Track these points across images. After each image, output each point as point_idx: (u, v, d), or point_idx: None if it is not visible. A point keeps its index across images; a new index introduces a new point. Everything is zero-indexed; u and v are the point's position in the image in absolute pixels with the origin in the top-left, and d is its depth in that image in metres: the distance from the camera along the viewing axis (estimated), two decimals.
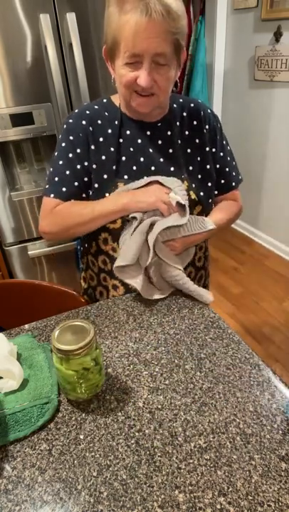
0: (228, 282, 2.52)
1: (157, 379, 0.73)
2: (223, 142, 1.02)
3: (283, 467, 0.57)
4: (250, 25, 2.43)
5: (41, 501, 0.55)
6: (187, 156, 0.97)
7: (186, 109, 0.97)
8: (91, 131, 0.92)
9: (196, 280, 1.08)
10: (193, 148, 0.97)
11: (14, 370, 0.70)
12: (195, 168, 0.97)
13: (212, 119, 0.99)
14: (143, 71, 0.78)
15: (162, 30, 0.73)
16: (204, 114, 0.98)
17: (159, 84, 0.81)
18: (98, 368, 0.68)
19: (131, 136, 0.94)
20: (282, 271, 2.59)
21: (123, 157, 0.93)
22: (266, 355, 1.93)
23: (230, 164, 1.04)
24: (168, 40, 0.75)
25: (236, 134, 2.88)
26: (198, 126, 0.97)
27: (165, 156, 0.95)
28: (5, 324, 1.11)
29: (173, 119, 0.96)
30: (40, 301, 1.11)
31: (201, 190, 0.97)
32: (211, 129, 0.99)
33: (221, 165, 1.02)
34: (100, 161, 0.92)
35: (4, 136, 1.66)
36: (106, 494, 0.55)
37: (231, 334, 0.83)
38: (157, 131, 0.95)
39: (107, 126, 0.93)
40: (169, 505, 0.53)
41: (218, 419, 0.65)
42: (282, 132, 2.46)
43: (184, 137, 0.97)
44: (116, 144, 0.92)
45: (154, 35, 0.73)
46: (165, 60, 0.78)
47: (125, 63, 0.79)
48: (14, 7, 1.44)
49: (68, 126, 0.94)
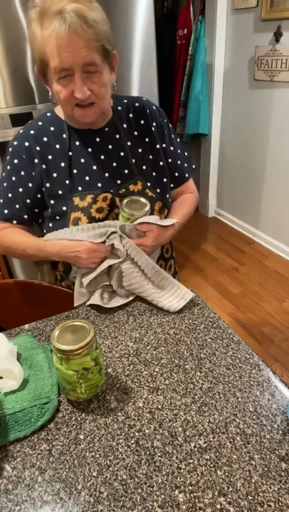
0: (228, 282, 2.52)
1: (157, 379, 0.73)
2: (172, 136, 1.04)
3: (283, 467, 0.57)
4: (250, 25, 2.43)
5: (41, 501, 0.55)
6: (139, 156, 0.98)
7: (132, 109, 0.98)
8: (38, 151, 0.92)
9: (167, 269, 1.13)
10: (144, 148, 0.98)
11: (14, 370, 0.71)
12: (148, 166, 0.99)
13: (158, 116, 1.01)
14: (76, 83, 0.78)
15: (84, 40, 0.73)
16: (150, 112, 0.99)
17: (96, 93, 0.81)
18: (98, 368, 0.68)
19: (80, 146, 0.94)
20: (282, 271, 2.59)
21: (74, 170, 0.93)
22: (266, 355, 1.93)
23: (181, 156, 1.06)
24: (93, 49, 0.75)
25: (236, 134, 2.88)
26: (146, 125, 0.99)
27: (117, 159, 0.96)
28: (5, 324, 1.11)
29: (119, 121, 0.96)
30: (40, 301, 1.11)
31: (157, 187, 1.00)
32: (158, 126, 1.00)
33: (172, 159, 1.04)
34: (52, 178, 0.93)
35: (4, 136, 1.66)
36: (106, 494, 0.55)
37: (231, 334, 0.83)
38: (106, 136, 0.95)
39: (54, 142, 0.93)
40: (169, 505, 0.53)
41: (218, 419, 0.65)
42: (283, 132, 2.46)
43: (133, 137, 0.98)
44: (66, 158, 0.93)
45: (77, 46, 0.73)
46: (96, 68, 0.78)
47: (58, 79, 0.79)
48: (14, 7, 1.44)
49: (13, 150, 0.94)
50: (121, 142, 0.96)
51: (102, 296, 0.93)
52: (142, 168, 0.98)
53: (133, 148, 0.97)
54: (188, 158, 1.08)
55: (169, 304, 0.90)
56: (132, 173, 0.97)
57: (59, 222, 0.95)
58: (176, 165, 1.05)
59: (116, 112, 0.97)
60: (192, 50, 2.82)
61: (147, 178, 0.98)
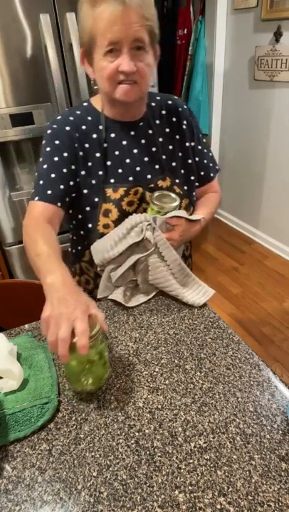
0: (228, 282, 2.52)
1: (157, 379, 0.73)
2: (200, 135, 1.06)
3: (283, 467, 0.57)
4: (250, 25, 2.43)
5: (41, 501, 0.55)
6: (169, 153, 1.00)
7: (165, 106, 1.00)
8: (77, 137, 0.91)
9: None
10: (175, 145, 1.00)
11: (14, 370, 0.71)
12: (178, 163, 1.01)
13: (188, 115, 1.02)
14: (124, 57, 0.79)
15: (138, 16, 0.76)
16: (182, 110, 1.01)
17: (140, 71, 0.81)
18: (102, 361, 0.68)
19: (115, 139, 0.94)
20: (282, 271, 2.59)
21: (109, 161, 0.94)
22: (266, 355, 1.93)
23: (207, 156, 1.08)
24: (144, 27, 0.78)
25: (236, 134, 2.88)
26: (177, 123, 1.00)
27: (149, 154, 0.97)
28: (5, 324, 1.11)
29: (152, 117, 0.98)
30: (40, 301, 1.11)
31: (184, 185, 1.02)
32: (188, 124, 1.01)
33: (199, 158, 1.06)
34: (88, 167, 0.93)
35: (4, 136, 1.66)
36: (106, 494, 0.55)
37: (231, 334, 0.83)
38: (140, 130, 0.96)
39: (91, 131, 0.93)
40: (169, 505, 0.53)
41: (218, 419, 0.65)
42: (283, 132, 2.46)
43: (165, 134, 0.99)
44: (101, 149, 0.93)
45: (131, 20, 0.75)
46: (144, 45, 0.80)
47: (105, 53, 0.79)
48: (14, 7, 1.44)
49: (53, 132, 0.92)
50: (153, 138, 0.98)
51: (124, 293, 0.94)
52: (172, 164, 1.00)
53: (164, 144, 0.99)
54: (213, 159, 1.11)
55: (192, 299, 0.91)
56: (162, 168, 0.98)
57: (90, 212, 0.94)
58: (202, 164, 1.07)
59: (150, 107, 0.98)
60: (192, 50, 2.82)
61: (176, 175, 1.00)
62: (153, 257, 0.90)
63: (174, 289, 0.92)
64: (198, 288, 0.94)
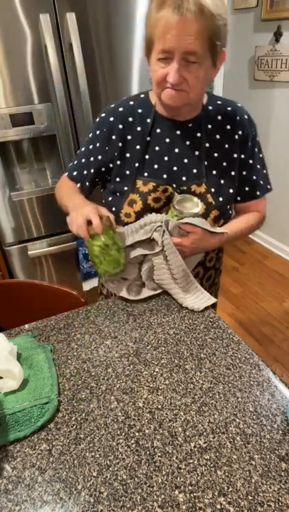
0: (228, 282, 2.52)
1: (157, 379, 0.73)
2: (255, 149, 0.99)
3: (283, 467, 0.57)
4: (250, 25, 2.43)
5: (41, 501, 0.55)
6: (213, 160, 0.96)
7: (222, 111, 0.95)
8: (119, 129, 0.95)
9: (205, 279, 1.09)
10: (221, 153, 0.96)
11: (14, 370, 0.71)
12: (218, 173, 0.96)
13: (247, 125, 0.97)
14: (172, 67, 0.78)
15: (194, 28, 0.73)
16: (240, 120, 0.96)
17: (189, 82, 0.81)
18: (116, 246, 0.85)
19: (159, 135, 0.95)
20: (282, 271, 2.59)
21: (147, 155, 0.95)
22: (266, 355, 1.93)
23: (258, 173, 1.02)
24: (200, 39, 0.75)
25: None
26: (231, 131, 0.95)
27: (190, 157, 0.95)
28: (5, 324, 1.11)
29: (205, 120, 0.94)
30: (40, 301, 1.11)
31: (220, 196, 0.96)
32: (243, 135, 0.96)
33: (247, 172, 1.00)
34: (125, 158, 0.96)
35: (4, 136, 1.65)
36: (106, 494, 0.55)
37: (231, 334, 0.83)
38: (187, 131, 0.94)
39: (137, 124, 0.95)
40: (169, 505, 0.53)
41: (218, 419, 0.65)
42: (283, 132, 2.46)
43: (214, 140, 0.95)
44: (143, 142, 0.95)
45: (184, 32, 0.74)
46: (196, 58, 0.77)
47: (158, 59, 0.80)
48: (14, 7, 1.44)
49: (99, 120, 0.99)
50: (200, 141, 0.95)
51: (128, 289, 0.95)
52: (212, 172, 0.96)
53: (210, 150, 0.95)
54: (266, 177, 1.04)
55: (192, 304, 0.91)
56: (200, 174, 0.95)
57: (117, 198, 0.99)
58: (250, 179, 1.01)
59: (205, 110, 0.95)
60: None
61: (213, 184, 0.96)
62: (159, 257, 0.91)
63: (175, 293, 0.93)
64: (200, 296, 0.93)
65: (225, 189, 0.97)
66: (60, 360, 0.79)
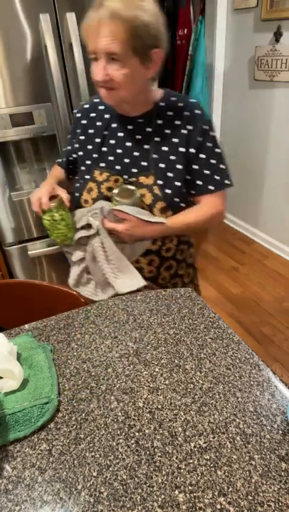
0: (228, 282, 2.52)
1: (157, 379, 0.73)
2: (207, 144, 1.01)
3: (283, 467, 0.57)
4: (250, 25, 2.43)
5: (41, 501, 0.55)
6: (162, 154, 1.01)
7: (173, 108, 1.00)
8: (83, 124, 1.09)
9: (163, 268, 1.13)
10: (169, 147, 1.00)
11: (14, 370, 0.71)
12: (166, 166, 1.01)
13: (199, 121, 0.99)
14: (97, 66, 0.87)
15: (108, 31, 0.81)
16: (191, 115, 0.99)
17: (116, 80, 0.87)
18: (64, 222, 1.02)
19: (114, 129, 1.04)
20: (282, 271, 2.59)
21: (104, 148, 1.05)
22: (266, 355, 1.93)
23: (212, 168, 1.03)
24: (117, 41, 0.82)
25: (236, 134, 2.88)
26: (180, 126, 0.99)
27: (140, 150, 1.02)
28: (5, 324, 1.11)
29: (156, 116, 1.00)
30: (40, 301, 1.11)
31: (167, 188, 1.01)
32: (192, 130, 0.99)
33: (199, 166, 1.02)
34: (86, 149, 1.09)
35: (4, 136, 1.66)
36: (106, 494, 0.55)
37: (231, 334, 0.83)
38: (138, 126, 1.01)
39: (98, 119, 1.06)
40: (169, 505, 0.53)
41: (218, 419, 0.65)
42: (283, 132, 2.46)
43: (163, 135, 1.00)
44: (101, 136, 1.06)
45: (101, 35, 0.82)
46: (118, 57, 0.84)
47: (92, 59, 0.89)
48: (14, 7, 1.44)
49: (74, 116, 1.17)
50: (149, 136, 1.01)
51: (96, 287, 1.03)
52: (160, 165, 1.00)
53: (159, 144, 1.00)
54: (223, 172, 1.05)
55: (119, 285, 1.00)
56: (149, 166, 1.01)
57: (80, 185, 1.11)
58: (202, 174, 1.03)
59: (157, 106, 1.00)
60: (192, 50, 2.82)
61: (160, 177, 1.01)
62: (96, 240, 1.01)
63: (107, 272, 1.01)
64: (131, 277, 1.00)
65: (172, 182, 1.01)
66: (60, 360, 0.79)
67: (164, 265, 1.12)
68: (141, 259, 1.08)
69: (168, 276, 1.15)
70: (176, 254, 1.14)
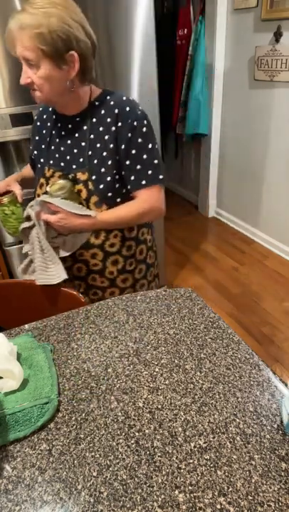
0: (228, 282, 2.52)
1: (157, 379, 0.73)
2: (138, 140, 1.03)
3: (283, 467, 0.57)
4: (250, 25, 2.43)
5: (41, 501, 0.55)
6: (96, 150, 1.06)
7: (106, 105, 1.04)
8: (37, 125, 1.18)
9: (109, 263, 1.16)
10: (102, 144, 1.05)
11: (14, 370, 0.71)
12: (99, 162, 1.05)
13: (129, 118, 1.02)
14: (23, 69, 0.95)
15: (20, 40, 0.89)
16: (119, 112, 1.02)
17: (35, 82, 0.94)
18: (15, 216, 1.10)
19: (59, 128, 1.11)
20: (282, 271, 2.59)
21: (52, 146, 1.13)
22: (266, 355, 1.93)
23: (144, 162, 1.05)
24: (27, 47, 0.89)
25: (236, 134, 2.88)
26: (110, 123, 1.03)
27: (78, 147, 1.08)
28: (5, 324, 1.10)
29: (90, 114, 1.05)
30: (40, 301, 1.11)
31: (100, 183, 1.06)
32: (122, 126, 1.02)
33: (130, 162, 1.05)
34: (40, 148, 1.16)
35: (4, 136, 1.65)
36: (106, 494, 0.55)
37: (231, 334, 0.83)
38: (75, 124, 1.07)
39: (48, 120, 1.14)
40: (169, 505, 0.53)
41: (218, 419, 0.65)
42: (283, 132, 2.46)
43: (97, 132, 1.05)
44: (50, 135, 1.13)
45: (13, 43, 0.91)
46: (32, 62, 0.91)
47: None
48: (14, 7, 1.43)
49: None
50: (85, 133, 1.06)
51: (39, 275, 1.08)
52: (94, 161, 1.05)
53: (94, 141, 1.05)
54: (155, 168, 1.06)
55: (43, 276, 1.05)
56: (85, 163, 1.06)
57: (36, 181, 1.18)
58: (134, 169, 1.05)
59: (92, 105, 1.05)
60: (192, 50, 2.82)
61: (94, 172, 1.06)
62: (34, 231, 1.06)
63: (37, 261, 1.06)
64: (56, 269, 1.04)
65: (104, 177, 1.06)
66: (60, 360, 0.79)
67: (109, 259, 1.16)
68: (84, 252, 1.13)
69: (115, 270, 1.18)
70: (121, 249, 1.16)
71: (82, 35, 0.92)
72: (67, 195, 1.03)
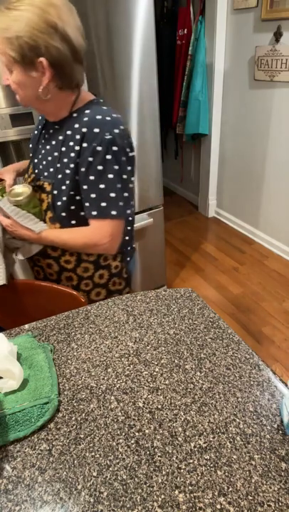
0: (228, 282, 2.52)
1: (157, 379, 0.73)
2: (98, 167, 0.94)
3: (283, 467, 0.57)
4: (250, 25, 2.43)
5: (41, 501, 0.55)
6: (62, 165, 1.01)
7: (79, 121, 0.96)
8: (34, 134, 1.16)
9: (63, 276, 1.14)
10: (68, 160, 0.99)
11: (14, 370, 0.71)
12: (61, 178, 1.01)
13: (94, 140, 0.93)
14: None
15: None
16: (87, 132, 0.94)
17: (12, 86, 0.94)
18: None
19: (43, 133, 1.10)
20: (282, 271, 2.59)
21: (37, 148, 1.12)
22: (266, 355, 1.93)
23: (100, 192, 0.96)
24: (1, 51, 0.88)
25: (236, 134, 2.88)
26: (77, 142, 0.96)
27: (52, 157, 1.05)
28: (5, 324, 1.11)
29: (67, 125, 1.00)
30: (40, 301, 1.11)
31: (58, 200, 1.01)
32: (87, 149, 0.94)
33: (88, 188, 0.97)
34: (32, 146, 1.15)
35: (4, 136, 1.65)
36: (106, 494, 0.55)
37: (231, 334, 0.83)
38: (55, 132, 1.04)
39: (40, 123, 1.13)
40: (169, 505, 0.53)
41: (218, 419, 0.65)
42: (283, 132, 2.46)
43: (67, 146, 0.99)
44: (38, 137, 1.13)
45: None
46: (6, 66, 0.91)
47: None
48: None
49: None
50: (60, 144, 1.02)
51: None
52: (58, 176, 1.01)
53: (63, 154, 1.00)
54: (110, 201, 0.96)
55: None
56: (52, 174, 1.03)
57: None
58: (88, 196, 0.98)
59: (70, 116, 0.99)
60: (192, 50, 2.82)
61: (56, 187, 1.01)
62: None
63: None
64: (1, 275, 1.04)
65: (62, 195, 1.00)
66: (60, 360, 0.79)
67: (64, 274, 1.12)
68: (41, 259, 1.12)
69: (70, 285, 1.13)
70: (76, 269, 1.11)
71: (55, 41, 0.84)
72: (26, 202, 1.02)
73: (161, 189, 2.01)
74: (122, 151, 0.96)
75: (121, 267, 1.17)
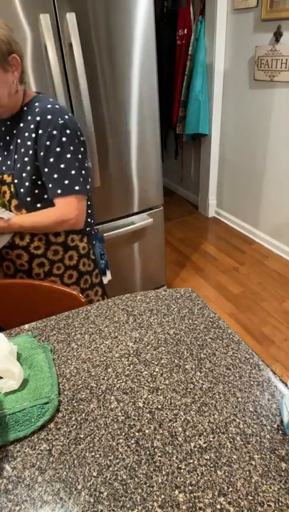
0: (228, 282, 2.52)
1: (157, 379, 0.73)
2: (56, 149, 1.03)
3: (283, 467, 0.57)
4: (250, 25, 2.43)
5: (41, 501, 0.55)
6: (20, 155, 1.08)
7: (31, 112, 1.06)
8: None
9: (35, 264, 1.19)
10: (25, 149, 1.07)
11: (14, 370, 0.71)
12: (21, 166, 1.08)
13: (49, 126, 1.02)
14: None
15: None
16: (40, 120, 1.03)
17: None
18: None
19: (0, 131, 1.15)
20: (282, 271, 2.59)
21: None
22: (266, 355, 1.93)
23: (61, 172, 1.05)
24: None
25: (236, 134, 2.88)
26: (32, 130, 1.05)
27: (7, 150, 1.12)
28: (5, 324, 1.11)
29: (19, 118, 1.08)
30: (40, 301, 1.11)
31: (20, 187, 1.09)
32: (42, 134, 1.03)
33: (48, 170, 1.05)
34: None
35: None
36: (106, 494, 0.55)
37: (231, 334, 0.83)
38: (7, 128, 1.11)
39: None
40: (169, 505, 0.53)
41: (218, 419, 0.65)
42: (283, 132, 2.46)
43: (23, 137, 1.07)
44: None
45: None
46: None
47: None
48: (14, 7, 1.44)
49: None
50: (14, 137, 1.09)
51: None
52: (17, 165, 1.09)
53: (19, 146, 1.08)
54: (72, 178, 1.06)
55: None
56: (11, 166, 1.10)
57: None
58: (50, 177, 1.06)
59: (21, 110, 1.08)
60: (192, 50, 2.82)
61: (17, 176, 1.09)
62: None
63: None
64: None
65: (24, 182, 1.08)
66: (60, 360, 0.79)
67: (35, 261, 1.18)
68: (10, 251, 1.16)
69: (42, 272, 1.20)
70: (46, 252, 1.18)
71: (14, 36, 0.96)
72: None
73: (161, 189, 2.01)
74: (74, 134, 1.06)
75: (88, 248, 1.26)
